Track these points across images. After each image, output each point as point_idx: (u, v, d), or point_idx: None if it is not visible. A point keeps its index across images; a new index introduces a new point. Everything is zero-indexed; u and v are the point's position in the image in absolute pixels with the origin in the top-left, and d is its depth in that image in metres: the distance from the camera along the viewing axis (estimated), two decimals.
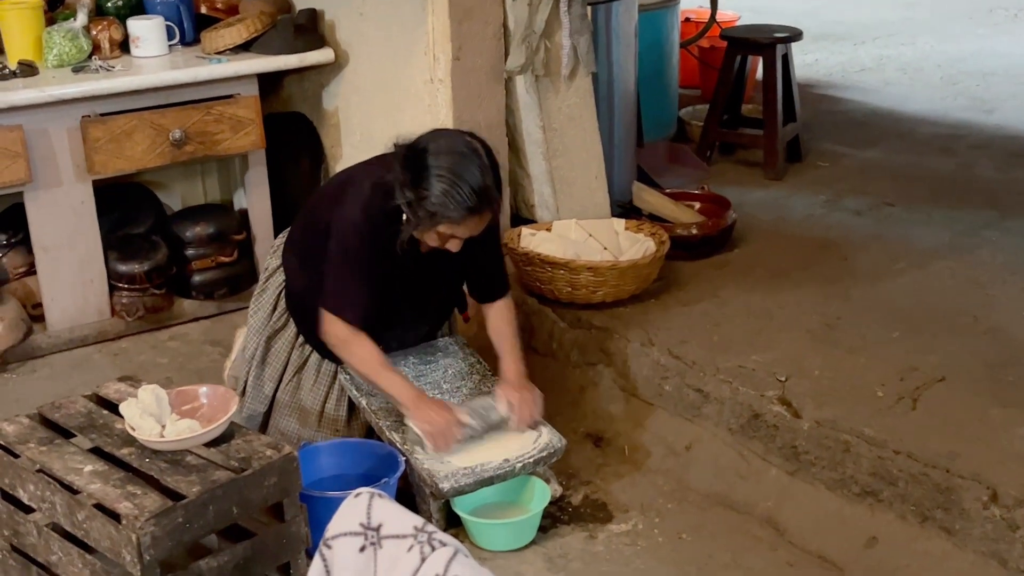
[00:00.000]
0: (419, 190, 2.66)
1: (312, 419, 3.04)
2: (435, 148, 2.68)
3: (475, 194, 2.65)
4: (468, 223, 2.70)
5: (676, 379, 3.17)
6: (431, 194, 2.64)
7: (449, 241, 2.76)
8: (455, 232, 2.73)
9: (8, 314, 3.66)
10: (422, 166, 2.66)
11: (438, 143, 2.70)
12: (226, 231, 4.00)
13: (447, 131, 2.87)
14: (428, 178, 2.64)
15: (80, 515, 2.36)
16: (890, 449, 2.74)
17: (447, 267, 2.94)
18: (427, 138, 2.73)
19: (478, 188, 2.66)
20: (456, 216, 2.67)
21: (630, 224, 3.76)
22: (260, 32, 3.91)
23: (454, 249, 2.79)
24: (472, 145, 2.72)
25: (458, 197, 2.63)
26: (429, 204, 2.65)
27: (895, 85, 6.39)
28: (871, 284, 3.66)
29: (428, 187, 2.64)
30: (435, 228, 2.71)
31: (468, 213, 2.67)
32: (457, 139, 2.74)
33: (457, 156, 2.67)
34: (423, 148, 2.69)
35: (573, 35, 3.72)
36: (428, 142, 2.71)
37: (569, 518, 2.92)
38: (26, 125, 3.56)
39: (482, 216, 2.72)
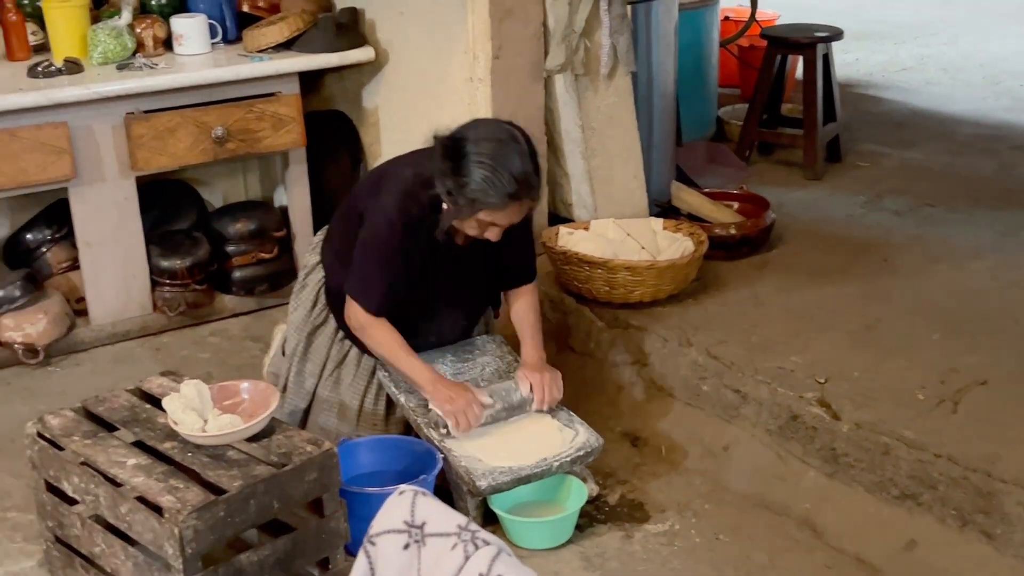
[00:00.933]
0: (459, 178, 2.66)
1: (351, 415, 3.06)
2: (475, 136, 2.69)
3: (515, 180, 2.66)
4: (508, 210, 2.71)
5: (714, 379, 3.17)
6: (471, 181, 2.65)
7: (488, 229, 2.76)
8: (495, 219, 2.73)
9: (52, 308, 3.71)
10: (462, 154, 2.67)
11: (478, 131, 2.72)
12: (267, 228, 4.04)
13: (487, 120, 2.88)
14: (468, 165, 2.65)
15: (123, 508, 2.39)
16: (930, 452, 2.73)
17: (484, 259, 2.95)
18: (467, 127, 2.75)
19: (519, 174, 2.66)
20: (497, 202, 2.67)
21: (668, 224, 3.75)
22: (302, 31, 3.93)
23: (493, 238, 2.79)
24: (512, 132, 2.73)
25: (498, 183, 2.64)
26: (469, 191, 2.66)
27: (936, 85, 6.34)
28: (911, 285, 3.64)
29: (468, 174, 2.65)
30: (475, 216, 2.71)
31: (509, 199, 2.67)
32: (497, 127, 2.76)
33: (498, 143, 2.68)
34: (463, 136, 2.70)
35: (613, 34, 3.71)
36: (468, 130, 2.72)
37: (606, 517, 2.92)
38: (71, 122, 3.60)
39: (522, 203, 2.72)
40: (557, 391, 2.96)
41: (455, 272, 2.95)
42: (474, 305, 3.14)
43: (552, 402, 2.95)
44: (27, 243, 3.92)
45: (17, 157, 3.52)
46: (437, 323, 3.04)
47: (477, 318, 3.18)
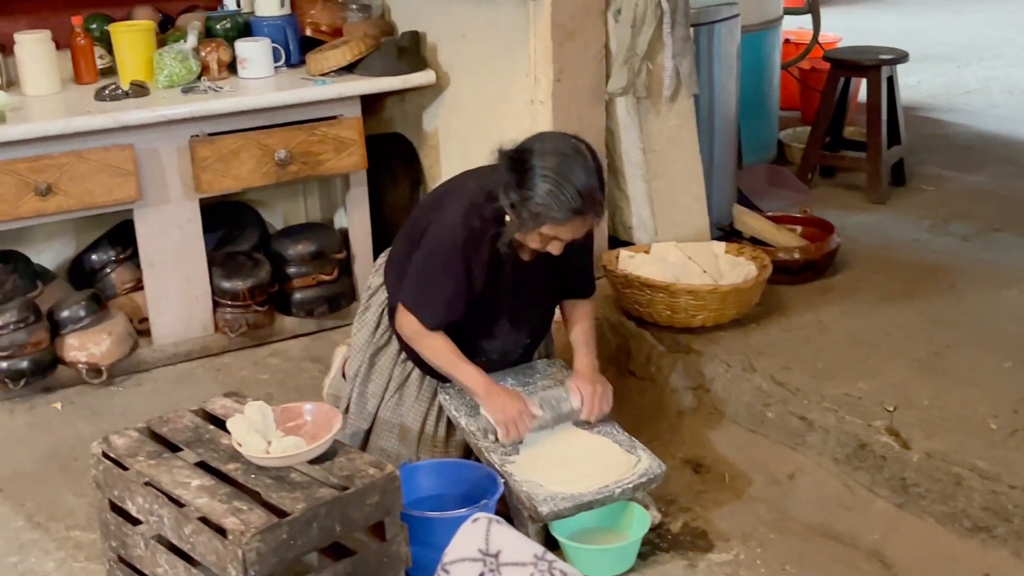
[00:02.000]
0: (523, 191, 2.66)
1: (412, 437, 3.05)
2: (540, 149, 2.69)
3: (580, 195, 2.64)
4: (572, 224, 2.69)
5: (779, 406, 3.11)
6: (536, 194, 2.64)
7: (551, 243, 2.75)
8: (558, 234, 2.72)
9: (116, 328, 3.75)
10: (527, 167, 2.66)
11: (544, 144, 2.71)
12: (327, 250, 4.05)
13: (553, 133, 2.87)
14: (533, 178, 2.64)
15: (187, 529, 2.40)
16: (1004, 483, 2.65)
17: (546, 274, 2.94)
18: (533, 140, 2.74)
19: (583, 189, 2.65)
20: (560, 217, 2.66)
21: (730, 247, 3.71)
22: (364, 54, 3.96)
23: (555, 252, 2.78)
24: (578, 146, 2.71)
25: (563, 198, 2.63)
26: (533, 204, 2.65)
27: (1002, 108, 6.24)
28: (980, 311, 3.56)
29: (533, 187, 2.64)
30: (538, 229, 2.70)
31: (572, 214, 2.66)
32: (563, 140, 2.74)
33: (563, 157, 2.67)
34: (528, 149, 2.70)
35: (676, 57, 3.69)
36: (534, 143, 2.72)
37: (668, 545, 2.88)
38: (137, 144, 3.65)
39: (585, 218, 2.71)
40: (606, 404, 2.95)
41: (519, 288, 2.93)
42: (538, 323, 3.11)
43: (599, 415, 2.93)
44: (92, 264, 3.97)
45: (84, 179, 3.56)
46: (500, 340, 3.02)
47: (541, 336, 3.15)
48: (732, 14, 4.09)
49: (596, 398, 2.93)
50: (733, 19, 4.10)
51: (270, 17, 4.10)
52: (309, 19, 4.24)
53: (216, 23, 4.12)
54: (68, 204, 3.58)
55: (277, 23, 4.10)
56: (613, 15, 3.63)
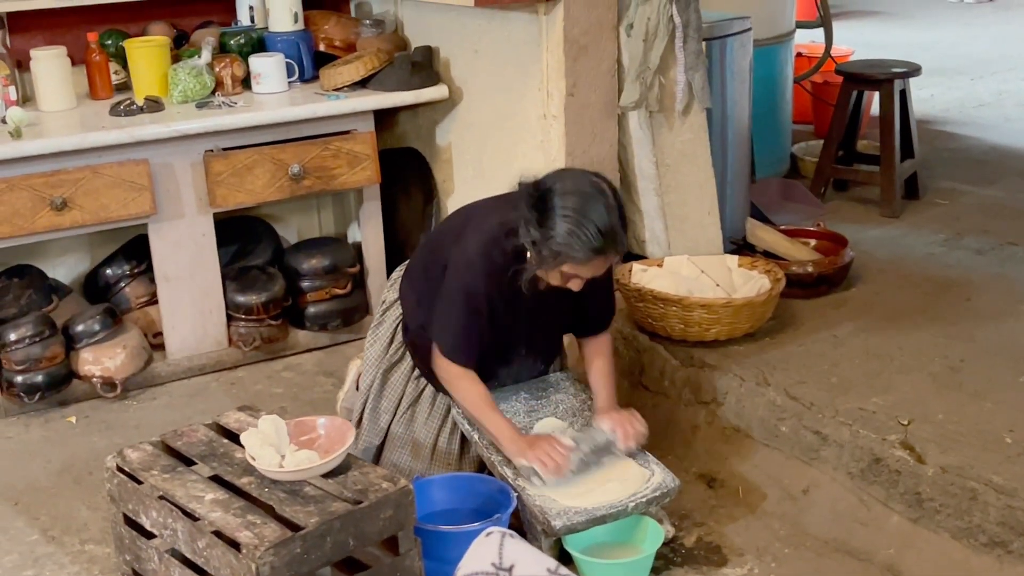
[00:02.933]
0: (544, 229, 2.64)
1: (425, 453, 3.05)
2: (561, 188, 2.67)
3: (601, 235, 2.63)
4: (593, 264, 2.69)
5: (793, 420, 3.11)
6: (556, 234, 2.63)
7: (571, 280, 2.75)
8: (579, 272, 2.71)
9: (130, 342, 3.77)
10: (548, 206, 2.65)
11: (564, 183, 2.69)
12: (341, 264, 4.06)
13: (573, 170, 2.86)
14: (554, 217, 2.63)
15: (200, 543, 2.40)
16: (1020, 498, 2.64)
17: (564, 304, 2.94)
18: (553, 177, 2.72)
19: (605, 229, 2.64)
20: (581, 257, 2.65)
21: (744, 261, 3.71)
22: (377, 69, 3.97)
23: (576, 288, 2.78)
24: (599, 186, 2.70)
25: (584, 238, 2.62)
26: (554, 244, 2.64)
27: (1015, 121, 6.22)
28: (995, 326, 3.55)
29: (554, 227, 2.63)
30: (559, 268, 2.70)
31: (593, 254, 2.65)
32: (584, 179, 2.72)
33: (584, 196, 2.65)
34: (549, 187, 2.68)
35: (688, 71, 3.69)
36: (555, 181, 2.70)
37: (682, 560, 2.87)
38: (152, 159, 3.67)
39: (607, 257, 2.70)
40: (640, 425, 2.92)
41: (535, 318, 2.94)
42: (552, 349, 3.13)
43: (638, 437, 2.90)
44: (106, 278, 3.99)
45: (99, 193, 3.58)
46: (516, 367, 3.03)
47: (554, 358, 3.17)
48: (744, 28, 4.09)
49: (628, 424, 2.89)
50: (745, 33, 4.10)
51: (284, 32, 4.12)
52: (323, 34, 4.26)
53: (230, 39, 4.14)
54: (83, 219, 3.60)
55: (291, 38, 4.12)
56: (625, 29, 3.63)
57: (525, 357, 3.03)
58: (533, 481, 2.80)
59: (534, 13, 3.56)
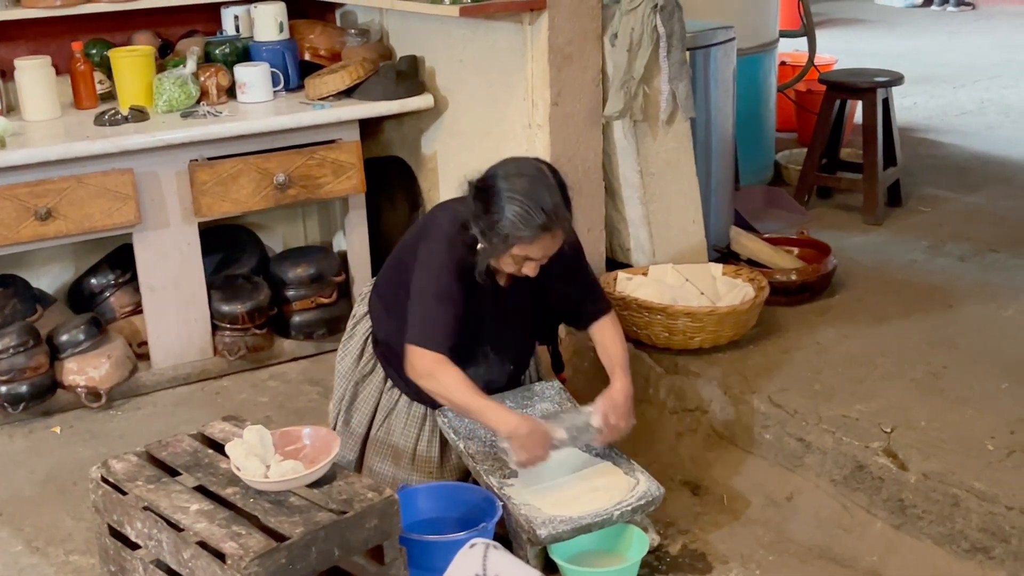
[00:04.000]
0: (490, 216, 2.72)
1: (406, 460, 3.05)
2: (504, 172, 2.77)
3: (544, 212, 2.70)
4: (541, 242, 2.74)
5: (777, 428, 3.12)
6: (503, 217, 2.71)
7: (525, 264, 2.80)
8: (529, 253, 2.76)
9: (115, 352, 3.76)
10: (492, 192, 2.74)
11: (507, 168, 2.79)
12: (326, 273, 4.07)
13: (516, 158, 2.93)
14: (499, 202, 2.72)
15: (185, 553, 2.40)
16: (1002, 504, 2.66)
17: (528, 299, 2.98)
18: (496, 166, 2.82)
19: (547, 206, 2.71)
20: (528, 235, 2.71)
21: (728, 269, 3.73)
22: (362, 79, 3.98)
23: (531, 273, 2.82)
24: (538, 166, 2.80)
25: (527, 216, 2.69)
26: (501, 227, 2.71)
27: (997, 129, 6.27)
28: (977, 333, 3.57)
29: (500, 211, 2.71)
30: (509, 252, 2.76)
31: (540, 231, 2.71)
32: (524, 163, 2.83)
33: (525, 178, 2.74)
34: (492, 175, 2.77)
35: (672, 80, 3.71)
36: (497, 169, 2.80)
37: (667, 568, 2.88)
38: (137, 168, 3.67)
39: (554, 235, 2.75)
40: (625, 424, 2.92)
41: (499, 314, 2.97)
42: (521, 349, 3.13)
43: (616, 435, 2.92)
44: (91, 287, 3.99)
45: (84, 203, 3.58)
46: (485, 368, 3.03)
47: (525, 362, 3.17)
48: (728, 37, 4.11)
49: (612, 419, 2.89)
50: (729, 42, 4.12)
51: (269, 42, 4.13)
52: (308, 44, 4.27)
53: (215, 48, 4.15)
54: (68, 228, 3.59)
55: (276, 48, 4.12)
56: (610, 39, 3.65)
57: (494, 358, 3.03)
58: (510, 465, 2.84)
59: (519, 23, 3.58)
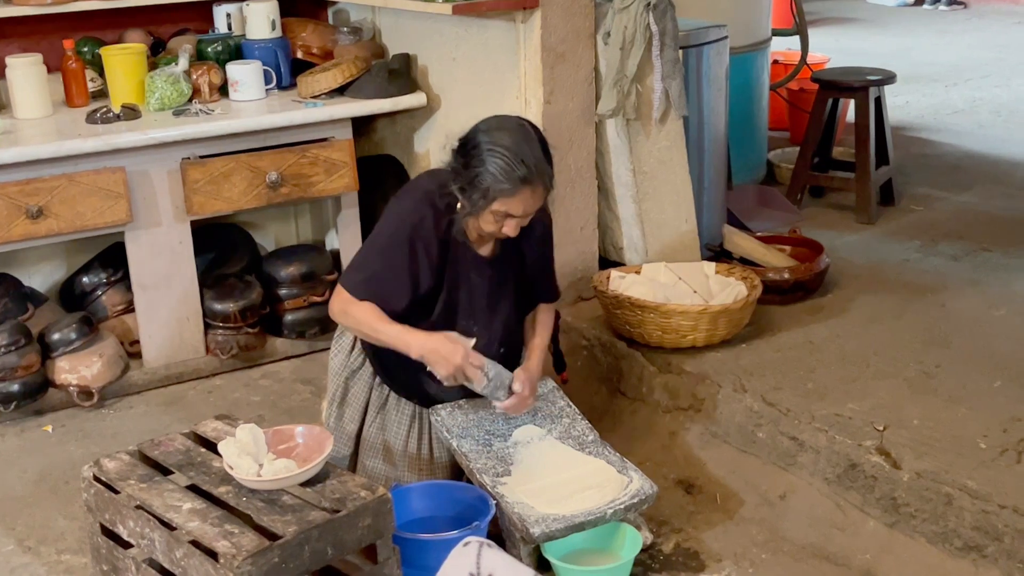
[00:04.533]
0: (471, 171, 2.72)
1: (397, 457, 3.05)
2: (486, 127, 2.77)
3: (524, 164, 2.69)
4: (521, 196, 2.72)
5: (770, 426, 3.12)
6: (484, 170, 2.70)
7: (506, 223, 2.78)
8: (510, 208, 2.74)
9: (107, 351, 3.75)
10: (473, 145, 2.74)
11: (488, 123, 2.80)
12: (318, 271, 4.06)
13: (495, 116, 2.92)
14: (480, 155, 2.71)
15: (178, 552, 2.39)
16: (995, 503, 2.66)
17: (511, 274, 2.97)
18: (478, 124, 2.82)
19: (528, 159, 2.70)
20: (509, 188, 2.70)
21: (721, 268, 3.73)
22: (355, 77, 3.98)
23: (511, 233, 2.80)
24: (520, 122, 2.81)
25: (508, 168, 2.68)
26: (481, 181, 2.70)
27: (989, 128, 6.28)
28: (970, 331, 3.58)
29: (481, 164, 2.70)
30: (490, 207, 2.74)
31: (521, 183, 2.70)
32: (506, 119, 2.84)
33: (506, 131, 2.75)
34: (475, 130, 2.78)
35: (665, 79, 3.71)
36: (480, 124, 2.80)
37: (660, 566, 2.88)
38: (128, 167, 3.66)
39: (534, 189, 2.74)
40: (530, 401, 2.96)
41: (481, 285, 2.94)
42: (510, 329, 3.05)
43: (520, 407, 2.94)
44: (83, 286, 3.97)
45: (75, 202, 3.57)
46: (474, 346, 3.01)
47: (516, 346, 3.10)
48: (721, 36, 4.12)
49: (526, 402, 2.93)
50: (722, 41, 4.12)
51: (261, 40, 4.12)
52: (300, 42, 4.26)
53: (207, 46, 4.13)
54: (59, 227, 3.58)
55: (268, 46, 4.11)
56: (603, 38, 3.65)
57: (481, 334, 2.94)
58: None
59: (511, 21, 3.58)
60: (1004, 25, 9.97)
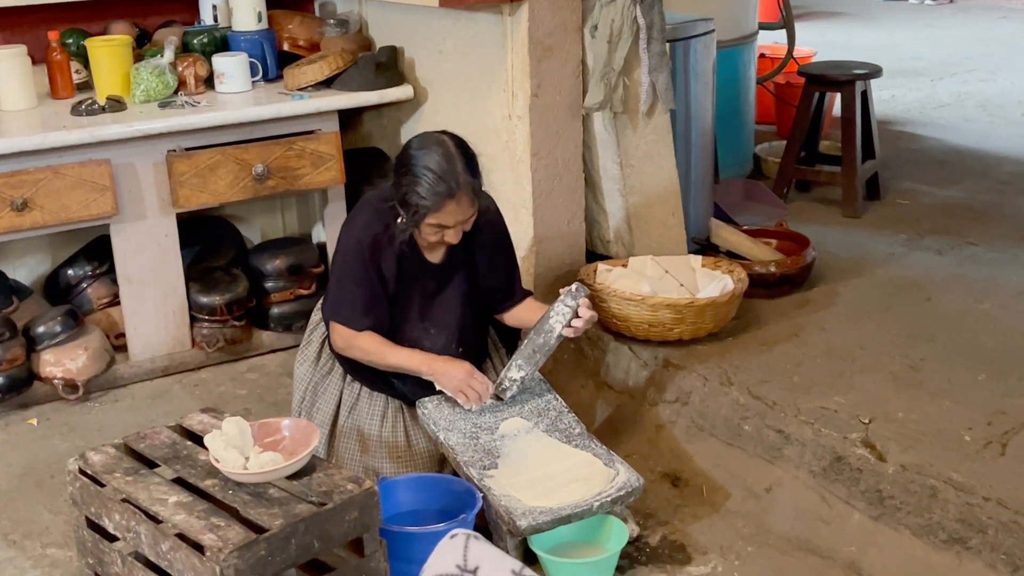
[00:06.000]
0: (401, 190, 2.88)
1: (373, 445, 3.06)
2: (415, 146, 2.91)
3: (444, 181, 2.83)
4: (447, 209, 2.86)
5: (756, 420, 3.13)
6: (411, 190, 2.86)
7: (444, 233, 2.92)
8: (440, 220, 2.88)
9: (92, 344, 3.73)
10: (403, 165, 2.90)
11: (412, 143, 2.93)
12: (305, 264, 4.05)
13: (424, 133, 3.03)
14: (407, 175, 2.87)
15: (164, 545, 2.39)
16: (979, 495, 2.68)
17: (462, 277, 3.08)
18: (408, 141, 2.96)
19: (447, 175, 2.83)
20: (431, 203, 2.84)
21: (707, 261, 3.73)
22: (341, 69, 3.97)
23: (453, 240, 2.94)
24: (439, 138, 2.91)
25: (430, 186, 2.83)
26: (410, 199, 2.86)
27: (975, 122, 6.30)
28: (955, 325, 3.59)
29: (407, 184, 2.86)
30: (424, 221, 2.89)
31: (443, 199, 2.84)
32: (427, 136, 2.94)
33: (427, 151, 2.87)
34: (404, 150, 2.93)
35: (652, 72, 3.71)
36: (409, 144, 2.94)
37: (647, 559, 2.89)
38: (114, 159, 3.64)
39: (458, 200, 2.86)
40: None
41: (435, 290, 3.07)
42: (466, 330, 3.12)
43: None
44: (68, 279, 3.96)
45: (60, 194, 3.55)
46: (430, 347, 3.06)
47: (476, 347, 3.16)
48: (708, 30, 4.12)
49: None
50: (709, 35, 4.12)
51: (247, 32, 4.11)
52: (286, 34, 4.25)
53: (193, 38, 4.12)
54: (44, 219, 3.56)
55: (254, 38, 4.10)
56: (590, 31, 3.65)
57: (436, 335, 3.07)
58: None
59: (499, 14, 3.57)
60: (990, 20, 10.00)
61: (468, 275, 3.10)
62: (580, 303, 3.01)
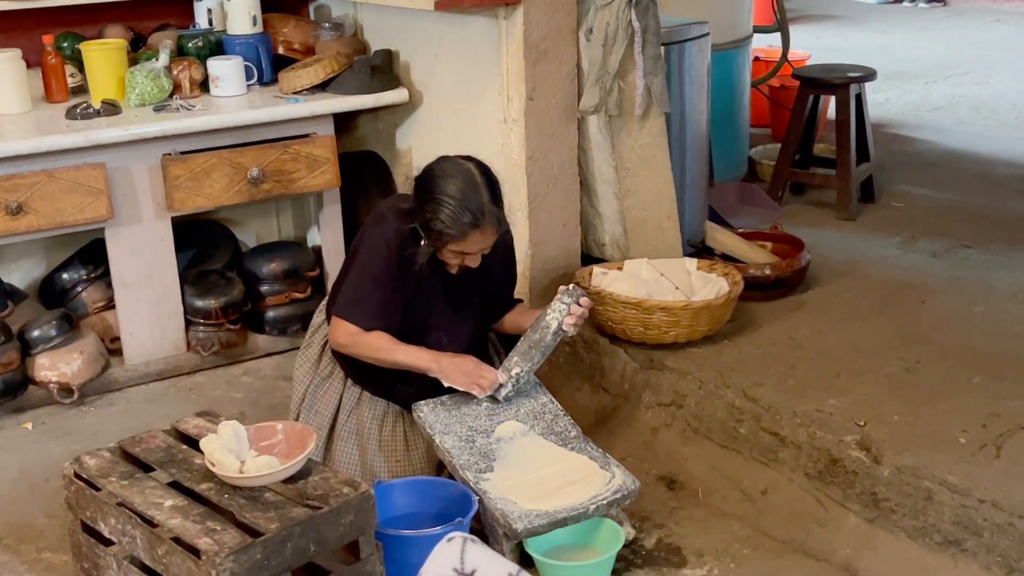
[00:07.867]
0: (424, 214, 2.88)
1: (372, 448, 3.07)
2: (438, 172, 2.90)
3: (470, 211, 2.84)
4: (471, 239, 2.88)
5: (751, 422, 3.13)
6: (434, 218, 2.85)
7: (465, 258, 2.95)
8: (463, 248, 2.91)
9: (87, 348, 3.73)
10: (426, 190, 2.89)
11: (436, 169, 2.92)
12: (300, 268, 4.05)
13: (447, 157, 3.02)
14: (430, 203, 2.86)
15: (160, 549, 2.39)
16: (974, 497, 2.68)
17: (474, 286, 3.10)
18: (432, 166, 2.95)
19: (473, 205, 2.84)
20: (456, 234, 2.86)
21: (702, 264, 3.74)
22: (337, 72, 3.97)
23: (473, 264, 2.97)
24: (466, 167, 2.90)
25: (454, 216, 2.83)
26: (433, 226, 2.87)
27: (969, 125, 6.31)
28: (950, 328, 3.60)
29: (432, 211, 2.86)
30: (446, 247, 2.90)
31: (469, 229, 2.85)
32: (452, 164, 2.93)
33: (452, 179, 2.87)
34: (429, 176, 2.91)
35: (647, 76, 3.71)
36: (433, 168, 2.93)
37: (643, 562, 2.89)
38: (109, 163, 3.64)
39: (483, 231, 2.88)
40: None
41: (449, 300, 3.07)
42: (475, 337, 3.16)
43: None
44: (63, 283, 3.95)
45: (55, 198, 3.55)
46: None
47: (481, 354, 3.16)
48: (702, 33, 4.12)
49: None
50: (703, 38, 4.13)
51: (242, 35, 4.11)
52: (281, 37, 4.25)
53: (188, 41, 4.12)
54: (39, 223, 3.56)
55: (249, 41, 4.10)
56: (585, 34, 3.65)
57: (449, 346, 3.07)
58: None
59: (494, 17, 3.57)
60: (984, 22, 10.03)
61: (481, 287, 3.12)
62: (580, 301, 3.02)
